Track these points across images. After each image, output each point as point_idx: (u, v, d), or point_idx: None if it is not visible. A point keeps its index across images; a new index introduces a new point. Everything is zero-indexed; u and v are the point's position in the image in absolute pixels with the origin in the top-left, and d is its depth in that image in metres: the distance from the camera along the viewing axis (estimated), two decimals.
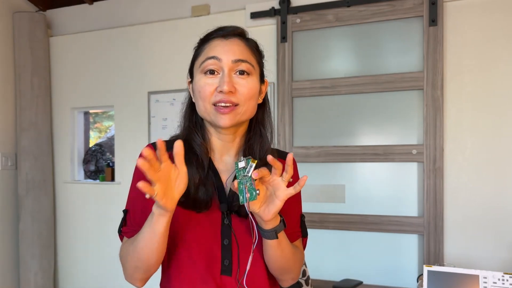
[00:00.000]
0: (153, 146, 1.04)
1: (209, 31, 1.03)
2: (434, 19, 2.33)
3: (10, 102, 3.16)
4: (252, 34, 1.07)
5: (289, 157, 0.87)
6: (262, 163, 0.99)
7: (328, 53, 2.60)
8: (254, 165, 0.87)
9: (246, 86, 0.97)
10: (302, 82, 2.60)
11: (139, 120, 3.04)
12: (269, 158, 0.86)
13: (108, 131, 4.36)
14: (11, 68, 3.16)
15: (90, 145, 3.51)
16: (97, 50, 3.18)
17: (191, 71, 1.05)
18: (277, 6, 2.64)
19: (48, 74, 3.25)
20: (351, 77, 2.51)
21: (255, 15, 2.68)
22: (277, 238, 0.94)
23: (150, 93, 3.00)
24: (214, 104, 0.96)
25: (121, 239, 1.07)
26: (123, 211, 1.06)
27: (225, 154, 1.05)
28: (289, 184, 0.89)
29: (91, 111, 3.48)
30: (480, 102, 2.30)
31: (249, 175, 0.87)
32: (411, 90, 2.41)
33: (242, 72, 0.97)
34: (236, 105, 0.96)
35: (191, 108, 1.06)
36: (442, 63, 2.33)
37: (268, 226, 0.92)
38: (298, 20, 2.60)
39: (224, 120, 0.96)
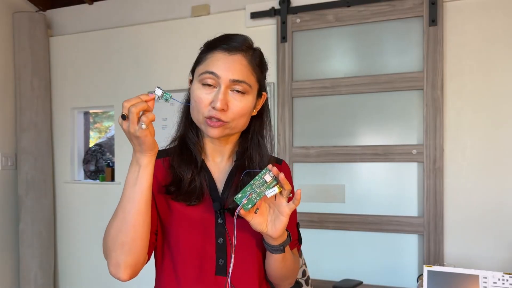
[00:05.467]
0: None
1: (218, 35, 1.03)
2: (434, 19, 2.33)
3: (10, 102, 3.16)
4: (252, 34, 1.07)
5: (281, 176, 0.88)
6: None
7: (328, 53, 2.60)
8: (277, 191, 0.88)
9: (239, 105, 0.97)
10: (302, 82, 2.60)
11: None
12: (281, 176, 0.87)
13: (108, 131, 4.35)
14: (11, 68, 3.16)
15: (90, 145, 3.51)
16: (97, 50, 3.18)
17: (193, 72, 1.05)
18: (277, 6, 2.64)
19: (48, 74, 3.25)
20: (351, 77, 2.51)
21: (255, 15, 2.68)
22: (284, 252, 0.96)
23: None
24: (205, 117, 0.97)
25: None
26: None
27: (217, 157, 1.07)
28: (289, 199, 0.91)
29: (91, 111, 3.48)
30: (480, 102, 2.30)
31: (265, 193, 0.88)
32: (411, 90, 2.41)
33: (237, 91, 0.98)
34: (226, 122, 0.97)
35: (189, 106, 1.07)
36: (442, 63, 2.33)
37: (276, 242, 0.95)
38: (298, 20, 2.60)
39: (213, 132, 0.98)
